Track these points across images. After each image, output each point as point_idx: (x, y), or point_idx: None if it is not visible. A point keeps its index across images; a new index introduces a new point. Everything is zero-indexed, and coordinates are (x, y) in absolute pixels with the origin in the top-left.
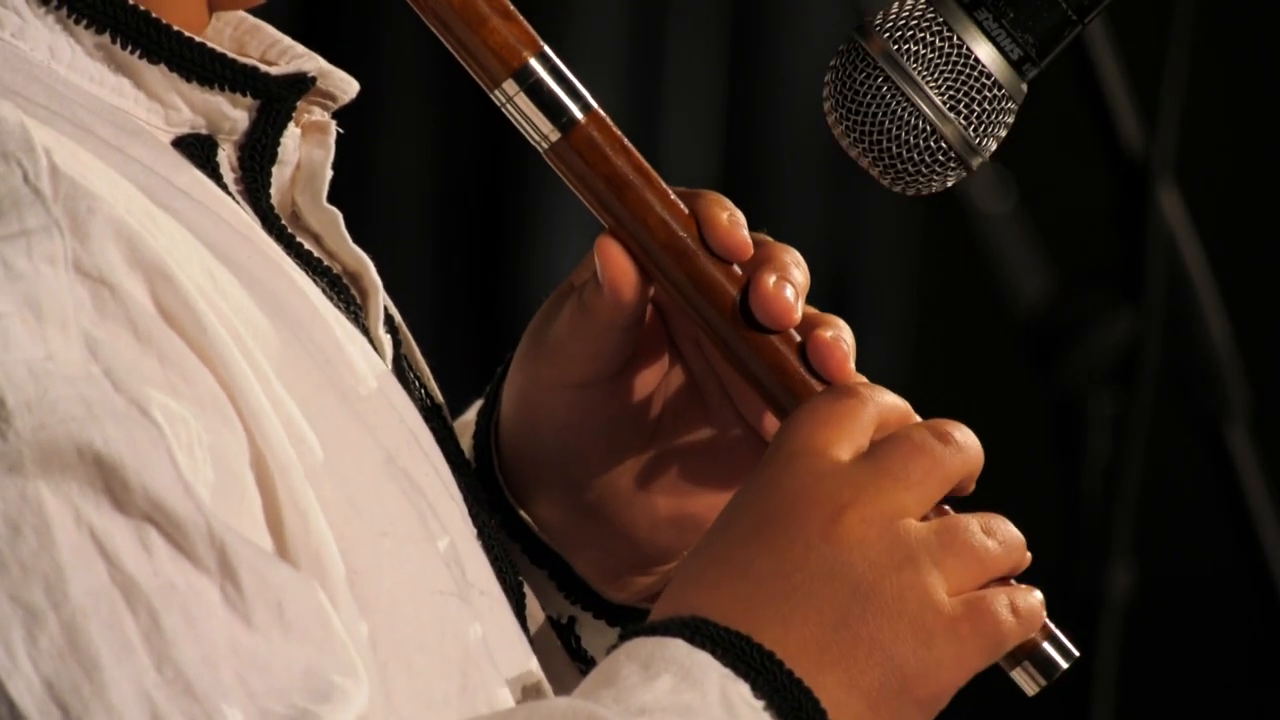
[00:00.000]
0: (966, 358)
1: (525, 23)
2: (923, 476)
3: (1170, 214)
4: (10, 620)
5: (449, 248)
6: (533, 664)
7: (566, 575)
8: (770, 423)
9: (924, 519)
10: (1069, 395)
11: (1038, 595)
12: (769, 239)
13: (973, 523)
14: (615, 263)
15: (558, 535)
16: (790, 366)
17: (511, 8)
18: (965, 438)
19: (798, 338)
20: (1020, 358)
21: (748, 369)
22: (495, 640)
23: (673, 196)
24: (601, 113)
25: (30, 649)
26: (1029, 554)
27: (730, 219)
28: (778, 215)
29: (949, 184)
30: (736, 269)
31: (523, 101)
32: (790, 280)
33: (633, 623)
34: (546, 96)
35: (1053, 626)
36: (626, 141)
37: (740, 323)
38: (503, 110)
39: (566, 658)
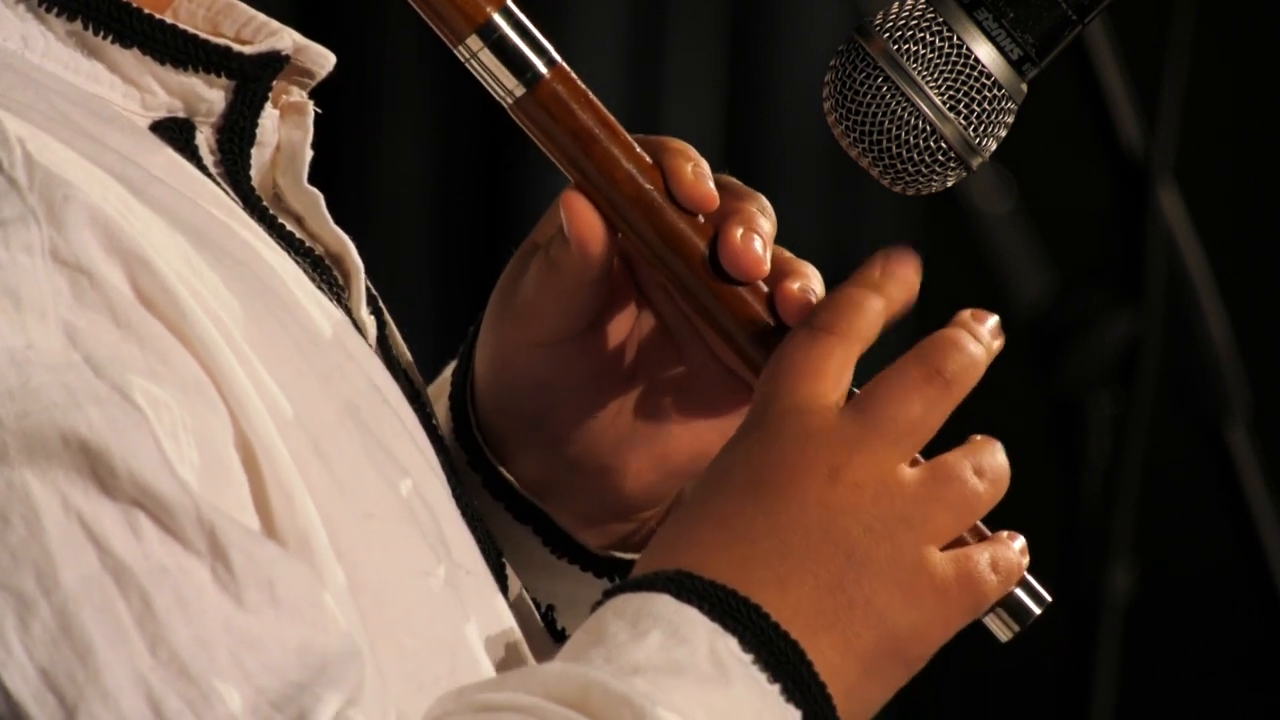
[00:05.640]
0: None
1: None
2: (912, 427)
3: (1170, 214)
4: (2, 609)
5: (448, 245)
6: (520, 645)
7: (550, 530)
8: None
9: (914, 463)
10: (1069, 395)
11: (1016, 549)
12: (736, 184)
13: (964, 466)
14: (582, 217)
15: (539, 490)
16: (759, 318)
17: None
18: (957, 368)
19: (765, 289)
20: (1020, 358)
21: (716, 321)
22: (483, 621)
23: (638, 149)
24: (566, 67)
25: (24, 637)
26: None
27: (695, 170)
28: (777, 214)
29: (949, 184)
30: (703, 220)
31: (487, 57)
32: (758, 231)
33: (618, 574)
34: (511, 52)
35: (1027, 575)
36: (591, 95)
37: (708, 275)
38: (467, 66)
39: (549, 638)
